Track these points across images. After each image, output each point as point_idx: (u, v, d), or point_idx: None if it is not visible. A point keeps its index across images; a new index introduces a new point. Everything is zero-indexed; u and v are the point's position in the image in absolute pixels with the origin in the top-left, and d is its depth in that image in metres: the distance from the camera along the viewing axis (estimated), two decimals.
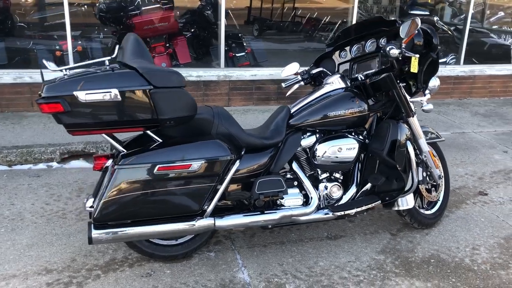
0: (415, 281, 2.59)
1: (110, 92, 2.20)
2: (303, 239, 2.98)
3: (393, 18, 2.89)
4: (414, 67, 2.60)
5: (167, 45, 5.98)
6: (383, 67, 2.83)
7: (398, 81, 2.81)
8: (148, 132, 2.41)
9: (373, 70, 2.88)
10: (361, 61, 2.99)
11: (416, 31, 2.57)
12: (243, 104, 5.78)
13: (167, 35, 5.95)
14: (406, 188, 2.76)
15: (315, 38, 7.20)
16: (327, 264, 2.72)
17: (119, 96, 2.20)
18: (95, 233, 2.36)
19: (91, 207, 2.43)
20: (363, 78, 2.89)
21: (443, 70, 6.33)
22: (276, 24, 7.33)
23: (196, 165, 2.34)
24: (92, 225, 2.38)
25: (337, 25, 6.82)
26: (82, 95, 2.18)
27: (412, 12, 7.06)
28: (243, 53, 6.22)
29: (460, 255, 2.85)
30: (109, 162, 2.51)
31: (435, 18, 6.33)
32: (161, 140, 2.43)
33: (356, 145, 2.76)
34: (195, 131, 2.52)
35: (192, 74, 5.51)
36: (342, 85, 2.85)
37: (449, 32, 6.84)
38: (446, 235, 3.08)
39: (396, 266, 2.72)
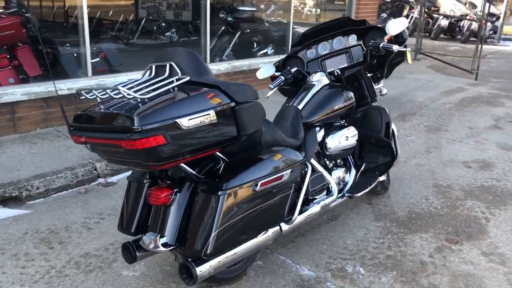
0: (421, 234, 3.15)
1: (209, 114, 2.04)
2: (315, 227, 3.21)
3: (361, 19, 3.31)
4: (409, 59, 3.09)
5: (8, 56, 5.04)
6: (355, 61, 3.25)
7: (366, 72, 3.28)
8: (217, 153, 2.28)
9: (346, 65, 3.27)
10: (328, 57, 3.33)
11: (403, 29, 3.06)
12: None
13: (8, 45, 5.01)
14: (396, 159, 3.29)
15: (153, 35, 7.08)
16: (353, 241, 3.05)
17: (215, 118, 2.05)
18: (199, 270, 2.14)
19: (168, 245, 2.19)
20: (339, 72, 3.25)
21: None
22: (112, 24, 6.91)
23: (287, 174, 2.35)
24: (193, 263, 2.14)
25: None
26: (185, 122, 1.96)
27: None
28: (98, 58, 5.71)
29: (423, 206, 3.55)
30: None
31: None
32: (226, 159, 2.32)
33: (356, 132, 3.12)
34: (246, 143, 2.47)
35: (61, 87, 4.84)
36: (328, 81, 3.15)
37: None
38: (400, 194, 3.75)
39: (397, 227, 3.23)
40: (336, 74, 3.25)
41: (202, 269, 2.15)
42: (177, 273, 2.59)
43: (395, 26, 3.00)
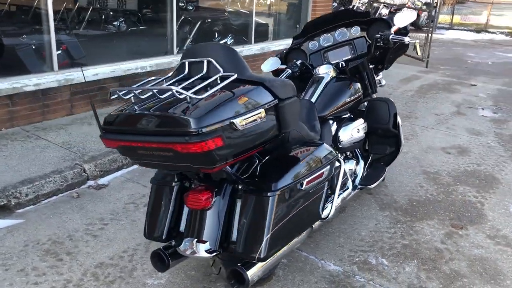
0: (427, 221, 3.25)
1: (260, 112, 1.95)
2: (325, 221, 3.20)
3: (365, 11, 3.30)
4: (418, 50, 3.12)
5: None
6: (359, 53, 3.25)
7: (369, 64, 3.30)
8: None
9: (350, 56, 3.27)
10: (331, 49, 3.31)
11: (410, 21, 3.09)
12: (87, 109, 5.05)
13: None
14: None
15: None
16: (367, 232, 3.08)
17: (264, 116, 1.97)
18: (250, 274, 2.05)
19: (211, 251, 2.09)
20: (344, 64, 3.24)
21: (243, 51, 7.02)
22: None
23: (326, 171, 2.30)
24: (243, 267, 2.05)
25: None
26: (240, 122, 1.86)
27: None
28: (60, 51, 5.32)
29: (421, 193, 3.66)
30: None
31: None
32: (260, 158, 2.24)
33: (365, 123, 3.14)
34: (278, 141, 2.39)
35: (27, 83, 4.47)
36: (335, 73, 3.14)
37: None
38: (396, 182, 3.84)
39: (403, 216, 3.30)
40: (341, 66, 3.24)
41: (252, 273, 2.07)
42: (203, 278, 2.52)
43: (403, 18, 3.03)
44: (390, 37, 3.02)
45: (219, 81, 2.00)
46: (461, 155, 4.50)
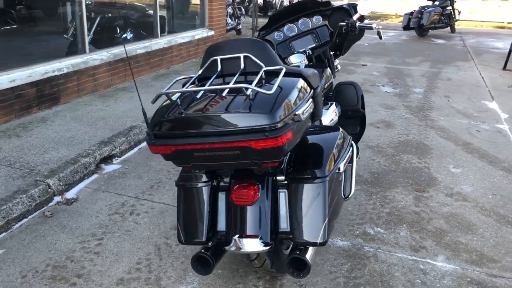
0: (394, 189, 3.60)
1: (311, 103, 2.04)
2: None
3: (326, 0, 3.48)
4: (382, 36, 3.38)
5: None
6: (322, 41, 3.45)
7: (330, 51, 3.52)
8: None
9: (314, 45, 3.44)
10: (295, 39, 3.45)
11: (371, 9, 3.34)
12: (5, 120, 4.52)
13: None
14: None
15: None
16: (352, 206, 3.33)
17: (312, 106, 2.07)
18: (309, 260, 2.13)
19: (267, 243, 2.13)
20: (310, 52, 3.41)
21: (152, 45, 6.81)
22: None
23: (350, 152, 2.45)
24: (301, 251, 2.11)
25: None
26: (302, 113, 1.93)
27: None
28: None
29: (376, 166, 4.03)
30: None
31: None
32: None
33: (338, 106, 3.35)
34: None
35: None
36: (307, 61, 3.29)
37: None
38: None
39: (373, 187, 3.62)
40: (307, 54, 3.40)
41: (310, 259, 2.15)
42: (232, 275, 2.53)
43: (366, 6, 3.28)
44: (357, 24, 3.26)
45: (264, 76, 2.02)
46: (389, 128, 5.00)
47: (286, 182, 2.20)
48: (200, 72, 2.19)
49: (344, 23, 3.30)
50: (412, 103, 5.99)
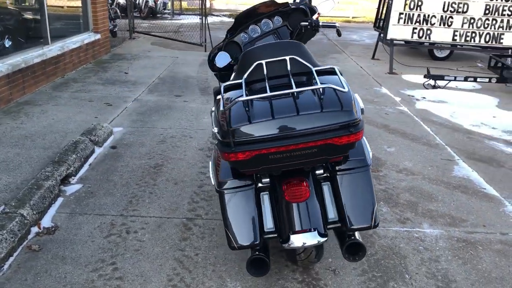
0: None
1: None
2: None
3: (285, 1, 3.61)
4: (339, 33, 3.62)
5: None
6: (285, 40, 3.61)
7: None
8: None
9: None
10: (259, 39, 3.55)
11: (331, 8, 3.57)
12: None
13: None
14: None
15: None
16: None
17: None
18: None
19: (323, 235, 2.26)
20: None
21: (46, 52, 6.22)
22: None
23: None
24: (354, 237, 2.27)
25: None
26: (363, 107, 2.11)
27: None
28: None
29: None
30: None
31: None
32: None
33: None
34: None
35: None
36: None
37: None
38: None
39: None
40: None
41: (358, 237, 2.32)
42: (270, 274, 2.57)
43: (325, 6, 3.52)
44: (321, 23, 3.49)
45: (316, 75, 2.13)
46: None
47: (326, 175, 2.34)
48: (245, 76, 2.19)
49: (307, 23, 3.50)
50: None
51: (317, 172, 2.33)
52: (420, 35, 8.46)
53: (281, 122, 1.94)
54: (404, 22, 8.39)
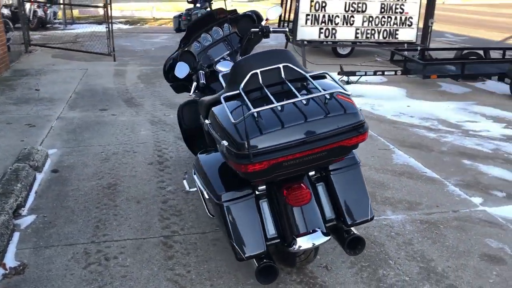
0: None
1: None
2: None
3: (233, 8, 3.61)
4: (289, 38, 3.70)
5: None
6: (235, 47, 3.63)
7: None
8: None
9: (230, 51, 3.60)
10: (211, 47, 3.53)
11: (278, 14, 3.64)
12: None
13: None
14: None
15: None
16: None
17: None
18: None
19: (326, 234, 2.35)
20: (229, 58, 3.56)
21: None
22: None
23: None
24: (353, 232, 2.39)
25: None
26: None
27: None
28: None
29: None
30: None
31: None
32: None
33: None
34: None
35: None
36: None
37: None
38: None
39: None
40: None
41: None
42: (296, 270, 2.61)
43: (273, 12, 3.60)
44: (271, 28, 3.56)
45: (312, 80, 2.20)
46: None
47: (318, 175, 2.42)
48: (242, 85, 2.19)
49: (257, 29, 3.56)
50: None
51: (310, 173, 2.41)
52: (327, 34, 8.94)
53: (296, 129, 1.98)
54: (311, 23, 8.81)
